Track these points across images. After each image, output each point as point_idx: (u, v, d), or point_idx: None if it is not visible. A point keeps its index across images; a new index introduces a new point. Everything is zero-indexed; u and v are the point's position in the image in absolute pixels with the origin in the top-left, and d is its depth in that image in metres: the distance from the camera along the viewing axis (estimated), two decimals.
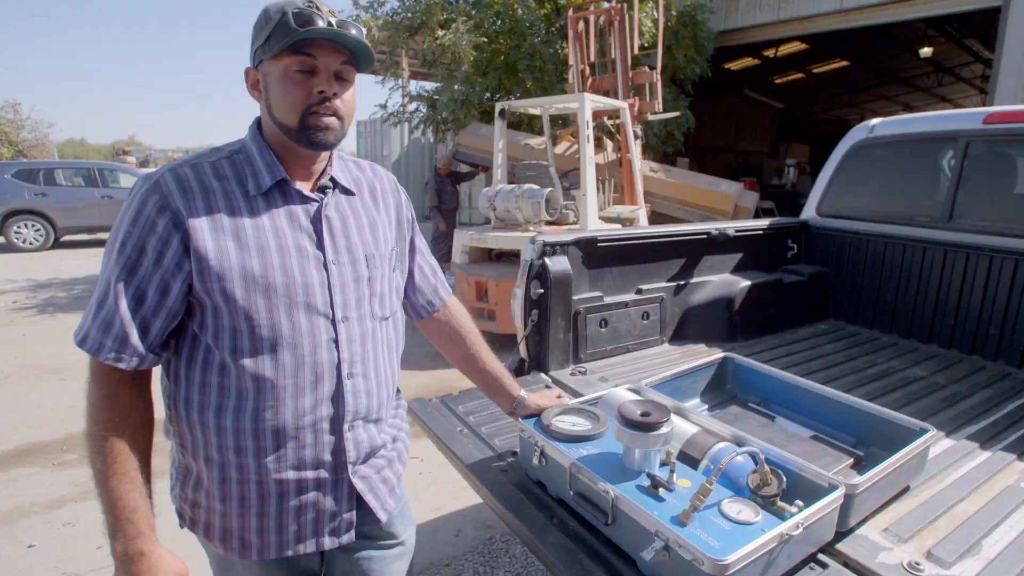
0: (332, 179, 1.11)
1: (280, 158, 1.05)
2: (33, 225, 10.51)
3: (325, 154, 1.10)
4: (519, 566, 2.43)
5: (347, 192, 1.13)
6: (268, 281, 0.99)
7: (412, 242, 1.31)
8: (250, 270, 0.98)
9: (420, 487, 3.04)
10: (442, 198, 7.65)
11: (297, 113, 0.99)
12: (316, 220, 1.06)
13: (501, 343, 3.49)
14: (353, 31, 1.00)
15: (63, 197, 10.63)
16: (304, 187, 1.07)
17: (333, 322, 1.05)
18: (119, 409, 0.96)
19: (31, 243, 10.51)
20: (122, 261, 0.95)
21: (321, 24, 0.96)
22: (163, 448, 1.09)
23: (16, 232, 10.36)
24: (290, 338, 1.01)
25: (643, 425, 1.18)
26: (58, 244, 10.94)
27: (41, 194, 10.48)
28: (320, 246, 1.05)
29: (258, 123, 1.08)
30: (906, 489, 1.41)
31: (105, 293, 0.96)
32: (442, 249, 7.82)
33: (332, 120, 1.02)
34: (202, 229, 0.96)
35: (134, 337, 0.95)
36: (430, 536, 2.64)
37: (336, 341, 1.06)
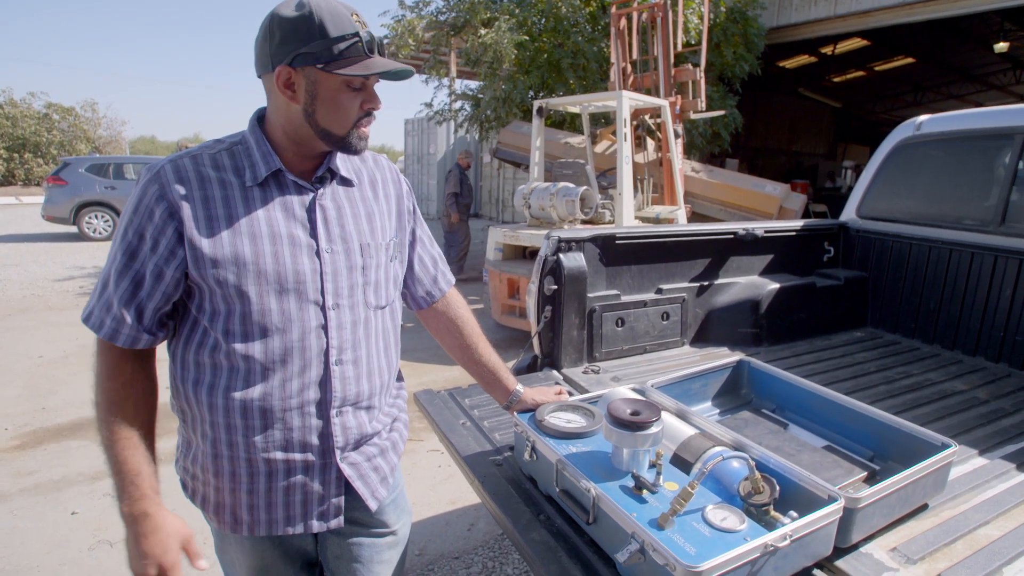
0: (330, 170, 1.12)
1: (281, 149, 1.07)
2: (102, 216, 11.23)
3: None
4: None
5: (346, 182, 1.15)
6: (259, 268, 1.02)
7: (413, 232, 1.31)
8: (242, 257, 1.01)
9: (438, 480, 3.07)
10: (462, 190, 7.77)
11: (348, 126, 1.05)
12: (311, 209, 1.08)
13: None
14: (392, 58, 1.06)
15: (129, 190, 11.18)
16: (302, 178, 1.09)
17: (323, 309, 1.07)
18: (121, 381, 1.02)
19: (100, 233, 11.22)
20: (124, 246, 1.00)
21: (375, 45, 1.02)
22: (175, 427, 1.14)
23: (87, 222, 11.10)
24: (279, 323, 1.04)
25: (631, 424, 1.15)
26: None
27: (110, 187, 11.18)
28: (314, 234, 1.07)
29: (258, 116, 1.11)
30: (923, 507, 1.32)
31: (107, 276, 1.01)
32: (461, 251, 7.92)
33: (369, 130, 1.08)
34: (197, 218, 1.00)
35: (129, 318, 1.00)
36: (443, 528, 2.66)
37: (325, 328, 1.07)
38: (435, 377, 4.56)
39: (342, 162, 1.15)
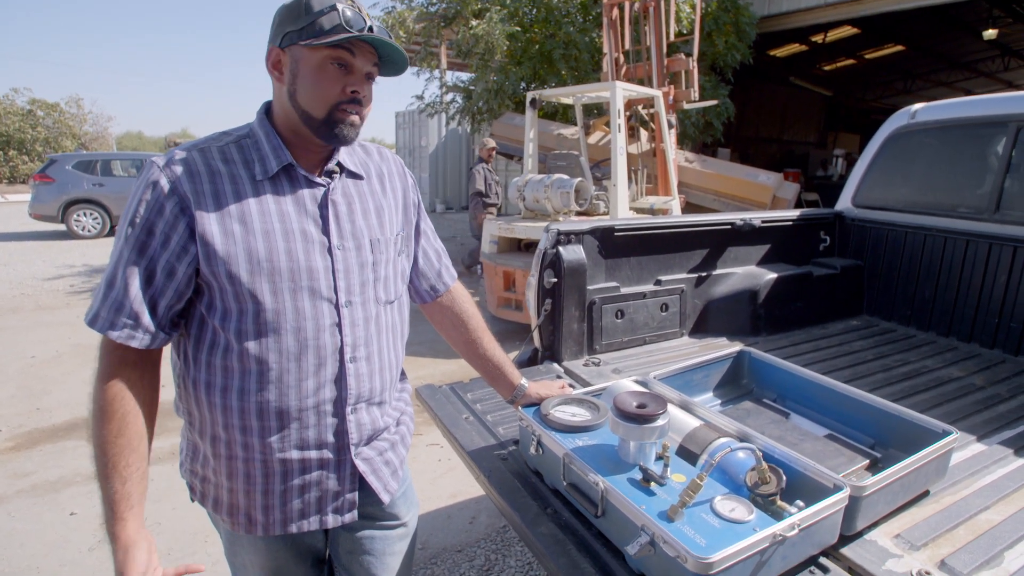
0: (339, 164, 1.11)
1: (288, 143, 1.05)
2: (91, 213, 11.09)
3: None
4: (531, 554, 2.43)
5: (355, 176, 1.14)
6: (273, 265, 1.00)
7: (418, 226, 1.30)
8: (255, 254, 0.99)
9: (438, 473, 3.08)
10: (487, 190, 7.07)
11: (327, 107, 1.01)
12: (322, 205, 1.06)
13: (528, 332, 3.48)
14: (389, 39, 1.03)
15: (118, 187, 11.15)
16: (311, 172, 1.07)
17: (337, 306, 1.06)
18: (123, 386, 0.97)
19: (89, 230, 11.09)
20: (131, 242, 0.96)
21: (366, 28, 0.99)
22: (174, 426, 1.12)
23: (76, 220, 10.96)
24: (293, 322, 1.02)
25: (637, 417, 1.15)
26: (113, 231, 11.52)
27: (98, 184, 11.03)
28: (325, 231, 1.06)
29: (266, 108, 1.09)
30: (925, 494, 1.34)
31: (114, 274, 0.97)
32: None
33: (356, 119, 1.04)
34: (208, 213, 0.97)
35: (145, 316, 0.97)
36: (444, 522, 2.67)
37: (339, 325, 1.06)
38: (432, 371, 4.56)
39: (348, 156, 1.14)
